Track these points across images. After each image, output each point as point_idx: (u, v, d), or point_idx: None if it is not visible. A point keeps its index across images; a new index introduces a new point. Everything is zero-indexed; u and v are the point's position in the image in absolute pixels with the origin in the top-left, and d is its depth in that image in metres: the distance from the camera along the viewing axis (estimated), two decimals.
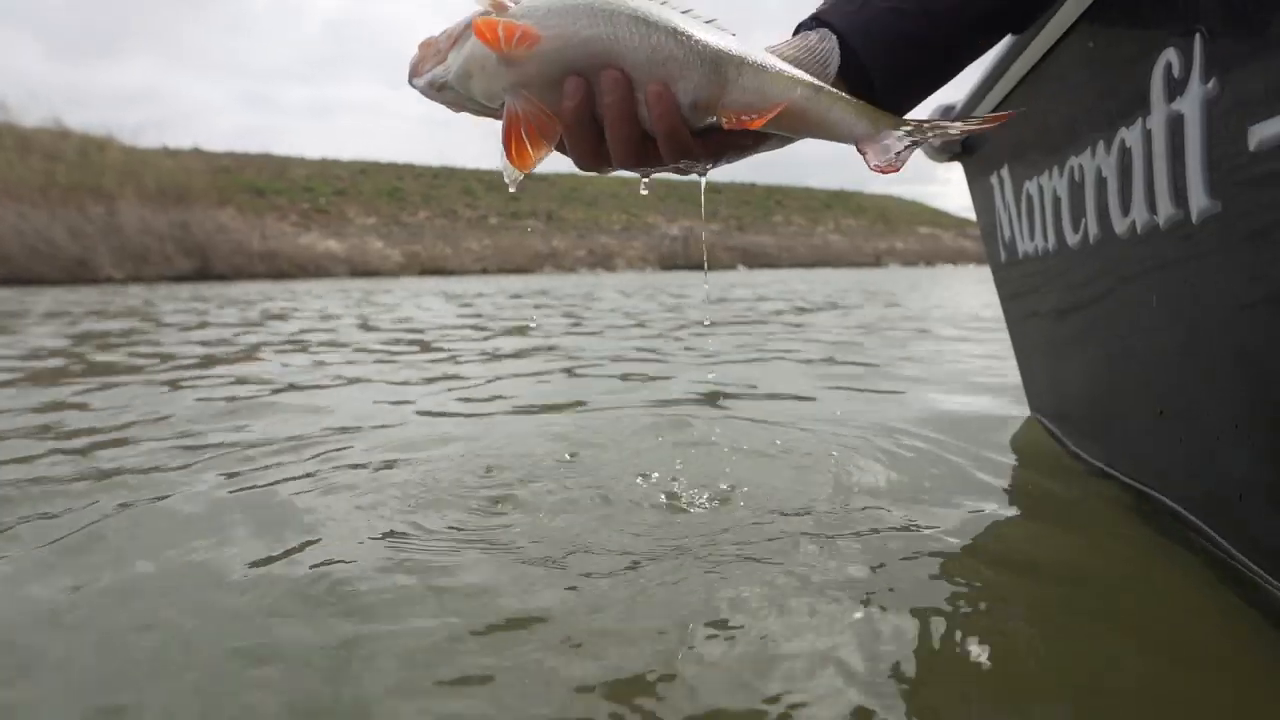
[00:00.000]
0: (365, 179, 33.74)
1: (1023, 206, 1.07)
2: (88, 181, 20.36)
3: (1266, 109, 0.50)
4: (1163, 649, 0.60)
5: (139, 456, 1.26)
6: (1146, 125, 0.66)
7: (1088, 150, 0.80)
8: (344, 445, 1.29)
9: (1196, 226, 0.61)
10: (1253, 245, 0.55)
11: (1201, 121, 0.58)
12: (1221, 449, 0.67)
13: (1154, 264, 0.70)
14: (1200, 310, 0.65)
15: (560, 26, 0.53)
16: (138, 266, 18.58)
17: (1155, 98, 0.63)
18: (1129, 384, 0.84)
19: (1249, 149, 0.52)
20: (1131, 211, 0.72)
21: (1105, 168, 0.76)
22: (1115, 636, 0.62)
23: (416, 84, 0.57)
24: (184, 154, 28.42)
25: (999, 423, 1.38)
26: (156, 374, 2.33)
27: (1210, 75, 0.56)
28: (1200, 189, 0.59)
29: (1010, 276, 1.26)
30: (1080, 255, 0.88)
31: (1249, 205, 0.54)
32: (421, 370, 2.34)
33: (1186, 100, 0.59)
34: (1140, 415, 0.84)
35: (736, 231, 36.51)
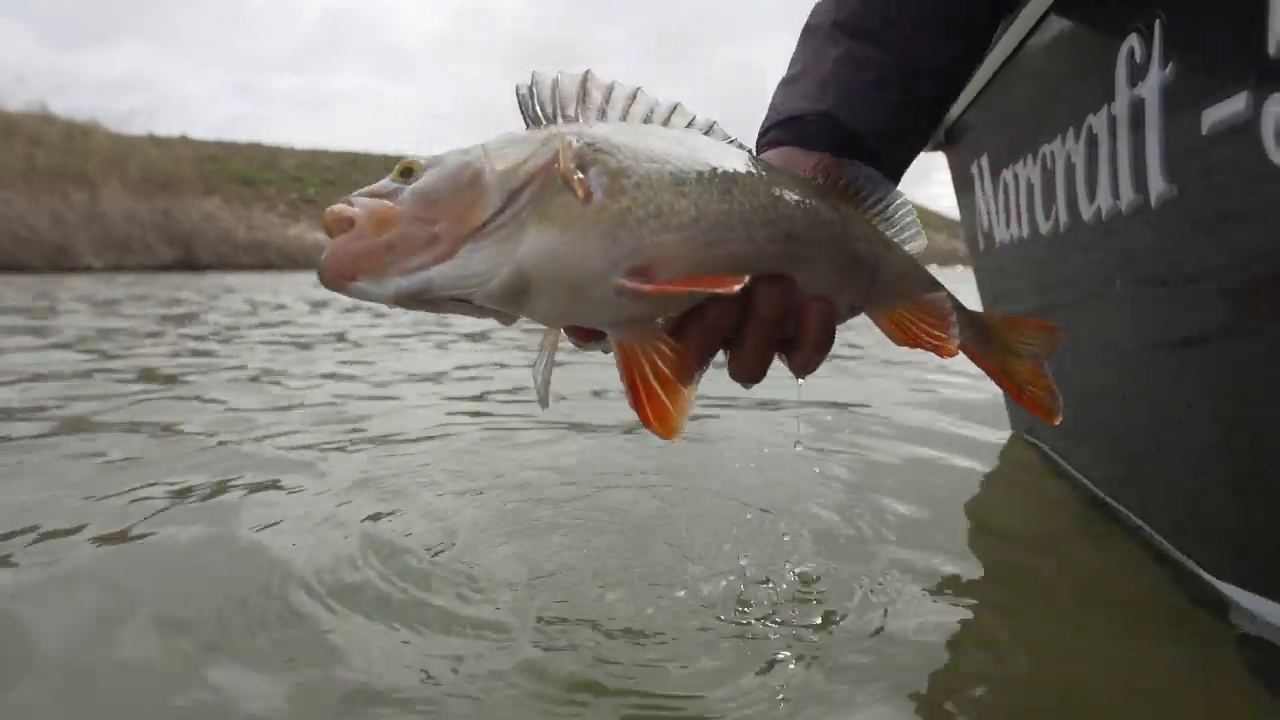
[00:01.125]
0: (355, 170, 33.41)
1: (1000, 195, 1.07)
2: (71, 167, 20.03)
3: (1218, 92, 0.50)
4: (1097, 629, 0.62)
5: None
6: (1111, 111, 0.66)
7: (1059, 137, 0.80)
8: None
9: (1155, 211, 0.61)
10: (1206, 228, 0.56)
11: (1160, 106, 0.58)
12: (1180, 433, 0.67)
13: (1118, 249, 0.71)
14: (1159, 295, 0.65)
15: (727, 238, 0.39)
16: (120, 255, 18.30)
17: (1119, 83, 0.64)
18: (1095, 373, 0.85)
19: (1202, 132, 0.52)
20: (1097, 198, 0.72)
21: (1075, 154, 0.76)
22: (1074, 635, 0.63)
23: (373, 289, 0.36)
24: (171, 141, 28.02)
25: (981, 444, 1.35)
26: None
27: (1168, 60, 0.56)
28: (1158, 173, 0.60)
29: (988, 266, 1.26)
30: (1051, 243, 0.88)
31: (1203, 188, 0.55)
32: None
33: (1147, 85, 0.59)
34: (1104, 403, 0.85)
35: None
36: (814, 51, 0.56)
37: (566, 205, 0.37)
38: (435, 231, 0.36)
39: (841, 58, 0.54)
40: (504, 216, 0.37)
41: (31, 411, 1.51)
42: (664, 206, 0.39)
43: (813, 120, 0.52)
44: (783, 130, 0.54)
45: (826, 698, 0.55)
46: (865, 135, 0.53)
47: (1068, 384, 0.96)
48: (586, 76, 0.42)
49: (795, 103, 0.54)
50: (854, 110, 0.53)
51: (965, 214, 1.35)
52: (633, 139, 0.40)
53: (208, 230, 21.11)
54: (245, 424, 1.41)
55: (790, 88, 0.56)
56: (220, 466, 1.11)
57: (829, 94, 0.53)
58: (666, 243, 0.38)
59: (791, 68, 0.59)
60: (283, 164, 31.66)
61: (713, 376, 0.43)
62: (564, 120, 0.41)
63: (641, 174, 0.39)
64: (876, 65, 0.54)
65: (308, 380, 2.01)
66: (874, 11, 0.55)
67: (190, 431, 1.36)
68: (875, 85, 0.54)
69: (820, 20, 0.58)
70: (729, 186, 0.41)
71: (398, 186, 0.37)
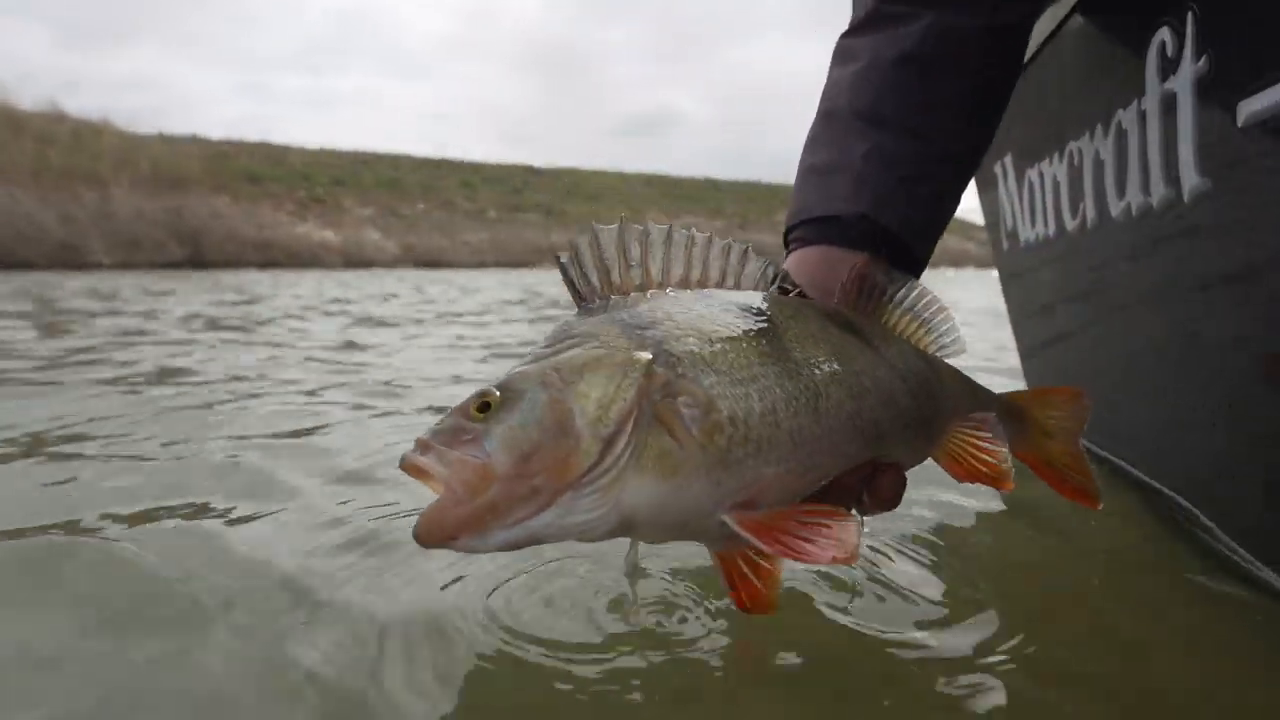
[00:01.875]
0: (364, 169, 33.55)
1: (1024, 193, 1.06)
2: (81, 166, 20.16)
3: (1255, 84, 0.50)
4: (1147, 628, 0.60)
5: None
6: (1141, 106, 0.65)
7: (1086, 134, 0.80)
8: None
9: (1188, 206, 0.60)
10: (1243, 222, 0.55)
11: (1193, 99, 0.58)
12: (1207, 424, 0.67)
13: (1148, 245, 0.70)
14: (1190, 289, 0.64)
15: (821, 462, 0.40)
16: (129, 253, 18.40)
17: (1150, 78, 0.63)
18: (1127, 370, 0.84)
19: (1238, 125, 0.52)
20: (1127, 194, 0.71)
21: (1103, 151, 0.76)
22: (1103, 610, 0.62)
23: (476, 544, 0.36)
24: (180, 140, 28.20)
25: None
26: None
27: (1202, 53, 0.57)
28: (1192, 167, 0.59)
29: (1012, 265, 1.26)
30: (1078, 240, 0.87)
31: (1239, 182, 0.55)
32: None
33: (1179, 79, 0.59)
34: (1134, 395, 0.84)
35: (738, 229, 36.50)
36: (840, 142, 0.57)
37: (665, 452, 0.36)
38: (534, 485, 0.36)
39: (870, 153, 0.55)
40: (603, 465, 0.36)
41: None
42: (761, 441, 0.39)
43: (851, 222, 0.55)
44: (819, 228, 0.56)
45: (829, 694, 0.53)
46: (901, 232, 0.55)
47: (1098, 375, 0.93)
48: (623, 229, 0.42)
49: (832, 203, 0.55)
50: (890, 210, 0.54)
51: (988, 213, 1.35)
52: (704, 341, 0.39)
53: (216, 228, 21.22)
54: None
55: (821, 182, 0.57)
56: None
57: (865, 195, 0.55)
58: (767, 477, 0.38)
59: (815, 151, 0.59)
60: (291, 162, 31.80)
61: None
62: (612, 288, 0.41)
63: (731, 404, 0.38)
64: (905, 160, 0.55)
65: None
66: (893, 99, 0.57)
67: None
68: (907, 181, 0.55)
69: (839, 106, 0.59)
70: (815, 403, 0.40)
71: (479, 428, 0.36)
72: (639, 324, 0.39)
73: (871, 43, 0.59)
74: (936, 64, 0.57)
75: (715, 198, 40.48)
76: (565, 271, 0.42)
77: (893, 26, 0.58)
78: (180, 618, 0.60)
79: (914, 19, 0.57)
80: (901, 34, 0.57)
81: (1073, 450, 0.57)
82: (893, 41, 0.57)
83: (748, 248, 0.47)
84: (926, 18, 0.57)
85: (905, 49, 0.57)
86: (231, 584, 0.66)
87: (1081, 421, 0.58)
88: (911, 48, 0.56)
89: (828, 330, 0.44)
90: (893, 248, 0.55)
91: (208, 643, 0.56)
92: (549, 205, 34.77)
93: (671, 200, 36.52)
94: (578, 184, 37.74)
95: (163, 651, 0.55)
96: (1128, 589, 0.68)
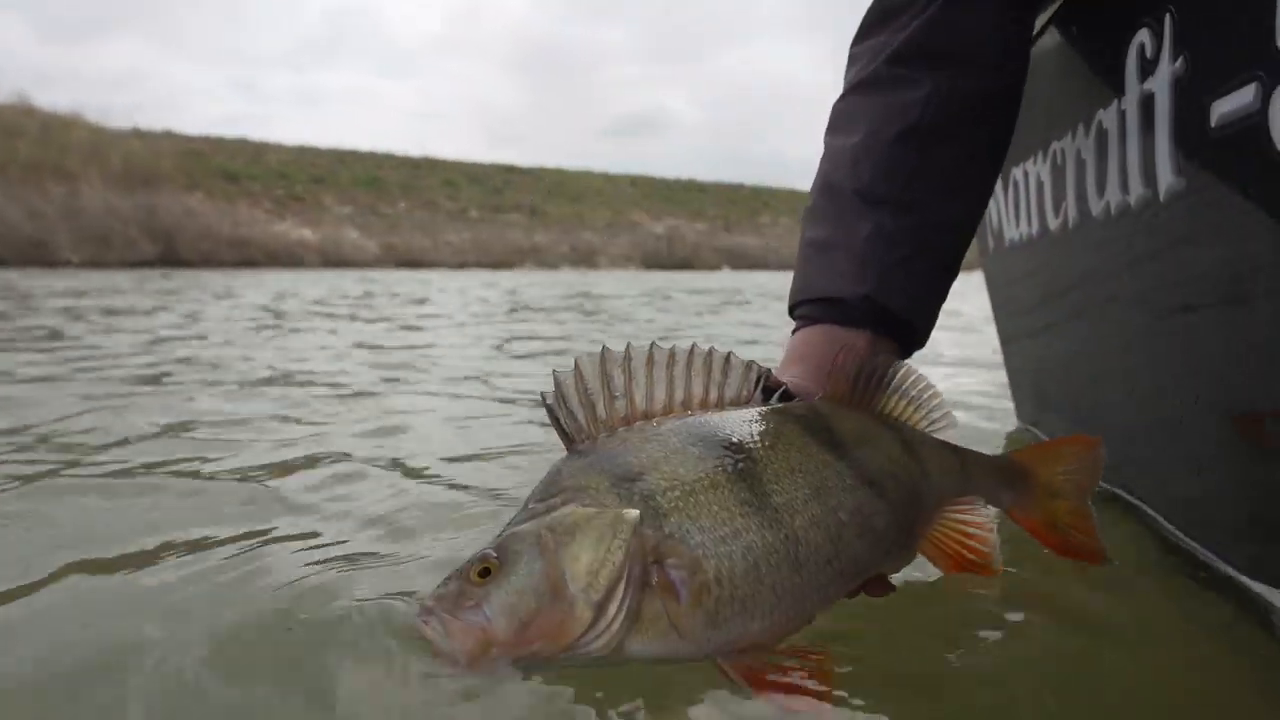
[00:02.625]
0: (344, 167, 33.09)
1: (1010, 193, 1.06)
2: (50, 160, 19.63)
3: (1226, 84, 0.50)
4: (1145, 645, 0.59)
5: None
6: (1121, 106, 0.66)
7: (1069, 134, 0.80)
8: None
9: (1163, 204, 0.61)
10: (1214, 221, 0.56)
11: (1170, 99, 0.58)
12: (1185, 426, 0.67)
13: (1125, 243, 0.71)
14: (1166, 287, 0.65)
15: (804, 607, 0.43)
16: (99, 250, 17.95)
17: (1129, 78, 0.64)
18: (1103, 369, 0.85)
19: (1210, 124, 0.53)
20: (1106, 193, 0.72)
21: (1085, 150, 0.76)
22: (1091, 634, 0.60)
23: (488, 673, 0.40)
24: (155, 135, 27.57)
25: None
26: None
27: (1179, 53, 0.57)
28: (1167, 167, 0.60)
29: (998, 267, 1.26)
30: (1060, 239, 0.88)
31: (1210, 181, 0.56)
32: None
33: (1157, 79, 0.59)
34: (1111, 398, 0.84)
35: (723, 232, 36.60)
36: (840, 219, 0.59)
37: (655, 616, 0.39)
38: (534, 650, 0.39)
39: (872, 235, 0.57)
40: (596, 629, 0.39)
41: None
42: (745, 600, 0.40)
43: (855, 304, 0.56)
44: (823, 308, 0.58)
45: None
46: (903, 312, 0.57)
47: (1078, 377, 0.93)
48: (604, 357, 0.43)
49: (834, 282, 0.57)
50: (892, 290, 0.56)
51: None
52: (689, 491, 0.40)
53: (190, 226, 20.79)
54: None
55: (824, 260, 0.59)
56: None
57: (868, 277, 0.56)
58: (753, 632, 0.41)
59: (816, 225, 0.61)
60: (269, 160, 31.27)
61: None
62: (598, 424, 0.42)
63: (717, 562, 0.40)
64: (905, 237, 0.57)
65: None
66: (892, 177, 0.58)
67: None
68: (907, 260, 0.57)
69: (839, 182, 0.61)
70: (795, 553, 0.42)
71: (480, 594, 0.39)
72: (626, 474, 0.41)
73: (871, 111, 0.59)
74: (936, 133, 0.58)
75: (699, 200, 40.62)
76: (552, 413, 0.43)
77: (893, 91, 0.59)
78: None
79: (915, 85, 0.58)
80: (904, 104, 0.58)
81: (1081, 508, 0.56)
82: (893, 115, 0.58)
83: (729, 356, 0.48)
84: (927, 85, 0.58)
85: (907, 123, 0.58)
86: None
87: (1096, 476, 0.56)
88: (913, 120, 0.57)
89: (808, 454, 0.45)
90: (895, 326, 0.57)
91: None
92: (532, 205, 34.63)
93: (655, 202, 36.56)
94: (561, 184, 37.63)
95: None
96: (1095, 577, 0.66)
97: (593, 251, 29.71)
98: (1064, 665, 0.54)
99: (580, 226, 32.68)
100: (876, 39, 0.63)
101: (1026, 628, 0.59)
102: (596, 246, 30.30)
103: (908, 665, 0.52)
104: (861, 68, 0.62)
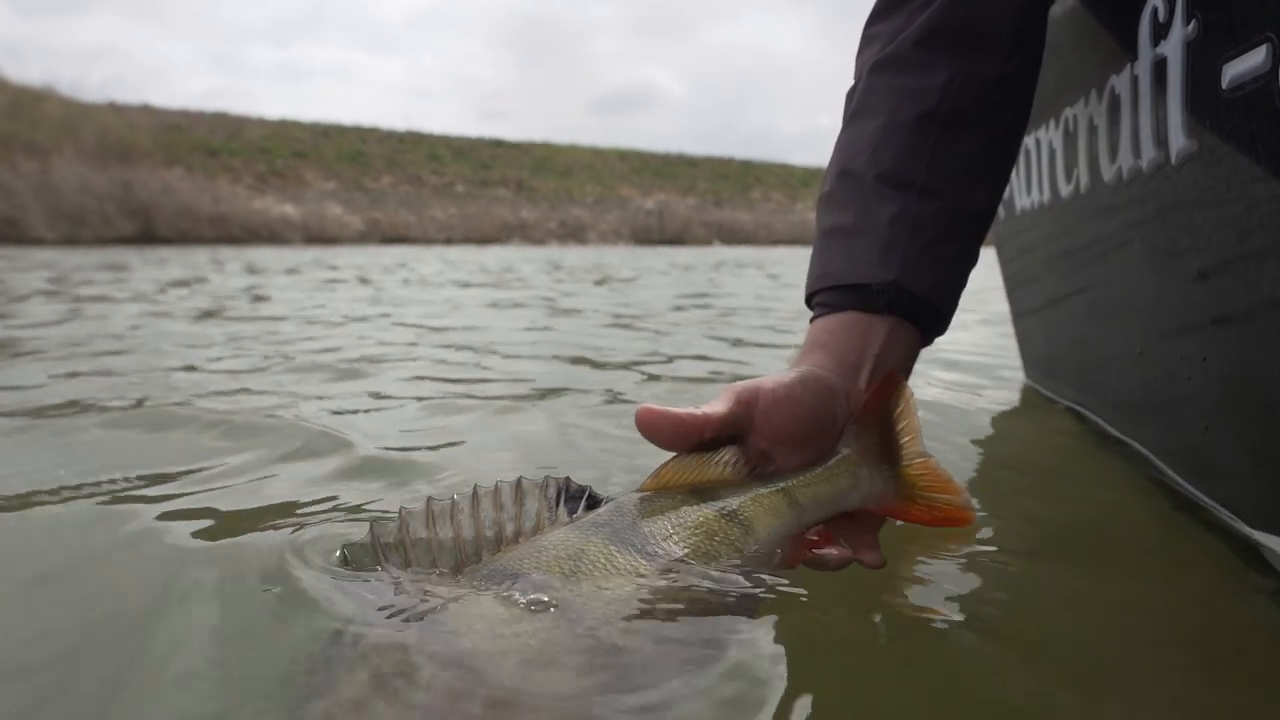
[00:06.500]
0: (326, 141, 32.49)
1: (1020, 161, 1.08)
2: (21, 134, 19.11)
3: (1236, 46, 0.50)
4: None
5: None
6: (1134, 71, 0.67)
7: (1081, 99, 0.82)
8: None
9: (1174, 167, 0.61)
10: (1224, 184, 0.55)
11: (1182, 62, 0.58)
12: (1192, 387, 0.67)
13: (1137, 207, 0.71)
14: (1176, 251, 0.65)
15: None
16: (74, 228, 17.57)
17: (1142, 43, 0.64)
18: (1113, 332, 0.86)
19: (1223, 86, 0.52)
20: (1119, 157, 0.73)
21: (1097, 115, 0.78)
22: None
23: None
24: (131, 110, 26.92)
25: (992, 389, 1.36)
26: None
27: (1191, 17, 0.56)
28: (1179, 130, 0.59)
29: (1008, 234, 1.29)
30: (1071, 205, 0.90)
31: (1222, 143, 0.55)
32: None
33: (1169, 43, 0.59)
34: (1121, 360, 0.85)
35: (713, 207, 36.25)
36: (861, 204, 0.58)
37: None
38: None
39: (897, 218, 0.56)
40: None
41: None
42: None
43: (880, 290, 0.55)
44: (845, 295, 0.56)
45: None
46: (929, 296, 0.56)
47: (1088, 338, 0.96)
48: (403, 517, 0.41)
49: (856, 268, 0.56)
50: (918, 276, 0.55)
51: None
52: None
53: (168, 202, 20.37)
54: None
55: (845, 245, 0.58)
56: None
57: (893, 262, 0.55)
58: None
59: (834, 212, 0.60)
60: (250, 134, 30.63)
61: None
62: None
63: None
64: (929, 222, 0.56)
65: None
66: (914, 160, 0.57)
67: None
68: (931, 245, 0.56)
69: (859, 168, 0.59)
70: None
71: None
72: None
73: (890, 95, 0.59)
74: (956, 120, 0.58)
75: (689, 174, 40.20)
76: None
77: (912, 75, 0.58)
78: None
79: (935, 70, 0.58)
80: (923, 89, 0.58)
81: (924, 461, 0.52)
82: (913, 99, 0.58)
83: (519, 482, 0.45)
84: (947, 70, 0.57)
85: (926, 108, 0.57)
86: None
87: (912, 412, 0.53)
88: (932, 106, 0.57)
89: (610, 571, 0.40)
90: (919, 312, 0.56)
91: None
92: (520, 180, 34.13)
93: (645, 176, 36.15)
94: (549, 158, 37.11)
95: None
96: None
97: (582, 227, 29.38)
98: (1079, 603, 0.53)
99: (569, 202, 32.30)
100: (894, 20, 0.62)
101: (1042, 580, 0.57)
102: (586, 222, 29.96)
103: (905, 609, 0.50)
104: (878, 50, 0.62)
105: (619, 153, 40.01)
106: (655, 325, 2.50)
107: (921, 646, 0.47)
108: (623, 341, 2.06)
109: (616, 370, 1.58)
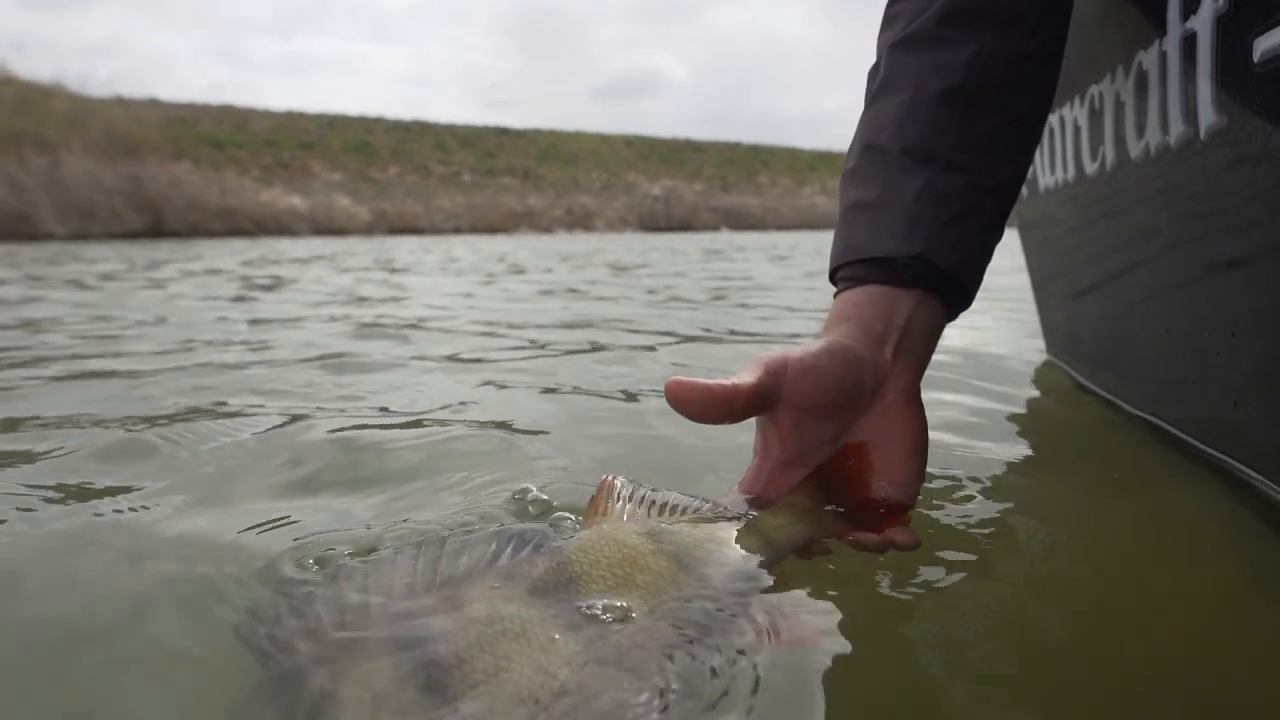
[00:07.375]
0: (333, 132, 32.50)
1: (1044, 140, 1.08)
2: (30, 130, 19.25)
3: (1268, 20, 0.50)
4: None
5: None
6: (1162, 47, 0.66)
7: (1107, 77, 0.81)
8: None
9: (1204, 143, 0.61)
10: (1254, 160, 0.54)
11: (1212, 37, 0.57)
12: (1221, 360, 0.66)
13: (1164, 183, 0.70)
14: (1203, 227, 0.64)
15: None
16: (84, 223, 17.71)
17: (1171, 18, 0.64)
18: (1138, 308, 0.85)
19: (1254, 60, 0.52)
20: (1146, 134, 0.72)
21: (1124, 93, 0.77)
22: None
23: None
24: (138, 104, 27.03)
25: (1016, 364, 1.35)
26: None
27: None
28: (1209, 105, 0.59)
29: (1030, 212, 1.28)
30: (1097, 183, 0.89)
31: (1252, 117, 0.54)
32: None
33: (1199, 17, 0.59)
34: (1148, 337, 0.84)
35: (720, 192, 36.00)
36: (887, 178, 0.58)
37: None
38: None
39: (923, 192, 0.56)
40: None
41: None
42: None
43: (906, 263, 0.55)
44: (870, 268, 0.56)
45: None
46: (954, 271, 0.56)
47: (1112, 315, 0.96)
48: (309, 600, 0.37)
49: (881, 242, 0.56)
50: (944, 250, 0.56)
51: None
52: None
53: (176, 196, 20.49)
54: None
55: (870, 219, 0.58)
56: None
57: (919, 235, 0.55)
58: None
59: (858, 187, 0.60)
60: (256, 126, 30.70)
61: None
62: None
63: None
64: (956, 196, 0.57)
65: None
66: (941, 135, 0.57)
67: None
68: (957, 219, 0.56)
69: (884, 142, 0.59)
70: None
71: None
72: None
73: (914, 71, 0.59)
74: (980, 97, 0.58)
75: (695, 159, 39.93)
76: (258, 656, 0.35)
77: (935, 51, 0.59)
78: None
79: (959, 47, 0.58)
80: (947, 65, 0.58)
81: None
82: (938, 73, 0.58)
83: (442, 540, 0.41)
84: (971, 47, 0.57)
85: (950, 83, 0.57)
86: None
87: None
88: (957, 82, 0.57)
89: (548, 636, 0.37)
90: (945, 286, 0.56)
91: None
92: (526, 168, 34.03)
93: (651, 162, 35.90)
94: (555, 146, 36.94)
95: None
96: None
97: (589, 214, 29.26)
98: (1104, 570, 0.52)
99: (575, 189, 32.14)
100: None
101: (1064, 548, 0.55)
102: (592, 209, 29.83)
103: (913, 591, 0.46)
104: (901, 28, 0.62)
105: (625, 139, 39.73)
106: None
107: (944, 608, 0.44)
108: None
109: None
